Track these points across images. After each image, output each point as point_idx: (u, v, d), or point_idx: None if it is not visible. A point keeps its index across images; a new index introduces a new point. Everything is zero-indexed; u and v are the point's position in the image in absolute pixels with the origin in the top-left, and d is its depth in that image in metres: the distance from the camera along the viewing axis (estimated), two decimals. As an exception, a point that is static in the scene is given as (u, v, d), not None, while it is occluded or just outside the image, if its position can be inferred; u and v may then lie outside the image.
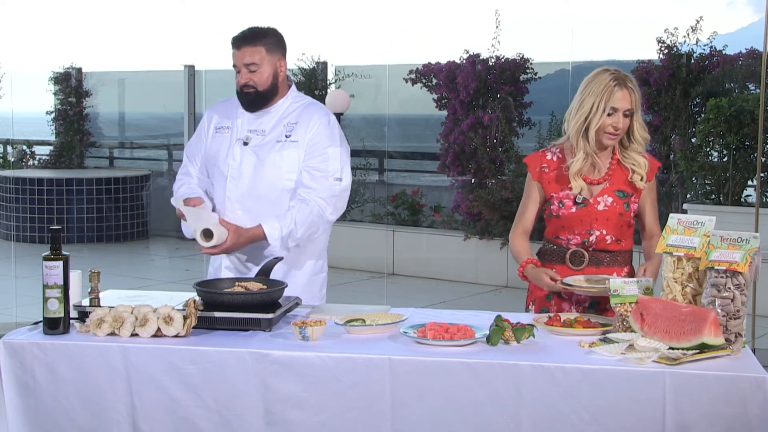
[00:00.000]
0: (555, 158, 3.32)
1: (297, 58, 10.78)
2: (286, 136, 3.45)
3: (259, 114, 3.48)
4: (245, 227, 3.36)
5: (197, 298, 2.88)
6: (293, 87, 3.55)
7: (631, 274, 3.28)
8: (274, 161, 3.43)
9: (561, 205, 3.26)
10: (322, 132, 3.44)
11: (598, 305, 3.23)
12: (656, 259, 3.13)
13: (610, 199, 3.23)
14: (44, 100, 12.60)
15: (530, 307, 3.39)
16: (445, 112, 9.66)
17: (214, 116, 3.60)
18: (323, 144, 3.43)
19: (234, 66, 3.44)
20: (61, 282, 2.82)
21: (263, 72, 3.41)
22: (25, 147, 12.84)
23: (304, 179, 3.41)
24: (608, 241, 3.24)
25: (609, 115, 3.16)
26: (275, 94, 3.47)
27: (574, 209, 3.25)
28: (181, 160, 3.78)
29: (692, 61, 8.50)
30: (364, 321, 2.90)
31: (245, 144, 3.46)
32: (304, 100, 3.55)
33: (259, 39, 3.41)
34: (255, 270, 3.40)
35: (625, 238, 3.28)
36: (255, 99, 3.44)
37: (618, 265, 3.27)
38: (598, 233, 3.23)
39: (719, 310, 2.63)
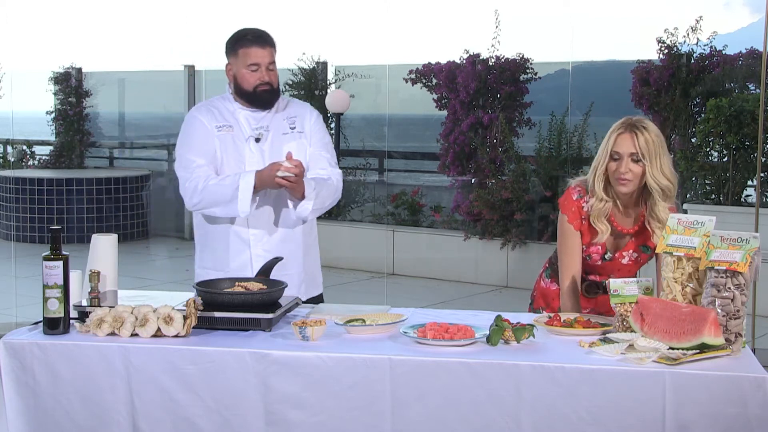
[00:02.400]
0: (587, 209, 3.23)
1: (297, 58, 10.79)
2: (291, 128, 3.57)
3: (256, 111, 3.55)
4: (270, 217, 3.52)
5: (197, 298, 2.88)
6: None
7: None
8: (281, 153, 3.47)
9: (588, 258, 3.27)
10: (319, 123, 3.66)
11: None
12: None
13: (635, 255, 3.27)
14: (44, 100, 12.60)
15: (541, 310, 3.40)
16: (445, 112, 9.66)
17: (209, 116, 3.59)
18: (323, 133, 3.65)
19: (252, 65, 3.48)
20: (61, 282, 2.82)
21: (276, 71, 3.55)
22: (25, 147, 12.84)
23: (320, 162, 3.57)
24: None
25: (615, 160, 3.12)
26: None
27: (599, 262, 3.28)
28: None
29: (692, 61, 8.49)
30: (364, 321, 2.90)
31: (257, 140, 3.52)
32: (284, 97, 3.69)
33: (272, 40, 3.54)
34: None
35: None
36: (272, 97, 3.55)
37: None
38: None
39: (719, 310, 2.62)
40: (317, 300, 3.68)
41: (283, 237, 3.53)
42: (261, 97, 3.52)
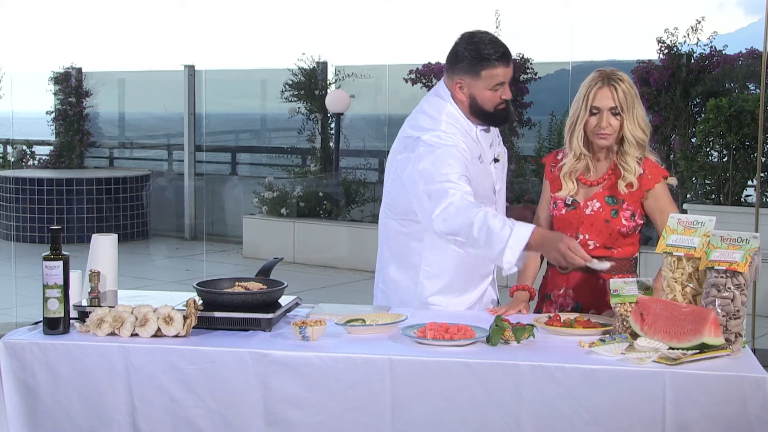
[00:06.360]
0: (561, 157, 3.30)
1: (297, 58, 10.80)
2: (499, 146, 3.44)
3: (486, 130, 3.37)
4: None
5: (197, 298, 2.88)
6: None
7: None
8: (503, 176, 3.42)
9: (554, 206, 3.26)
10: None
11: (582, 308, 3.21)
12: None
13: (598, 205, 3.18)
14: (44, 100, 12.61)
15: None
16: (445, 112, 9.63)
17: (467, 143, 3.24)
18: None
19: (497, 85, 3.22)
20: (61, 282, 2.82)
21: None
22: (25, 147, 12.85)
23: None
24: (591, 247, 3.17)
25: (594, 114, 3.13)
26: None
27: (564, 211, 3.23)
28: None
29: (692, 61, 8.50)
30: (364, 321, 2.90)
31: (496, 161, 3.37)
32: None
33: (510, 52, 3.29)
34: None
35: (619, 246, 3.19)
36: (509, 114, 3.34)
37: (607, 272, 3.13)
38: (581, 237, 3.18)
39: (719, 310, 2.62)
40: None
41: None
42: (499, 116, 3.30)
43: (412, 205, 3.22)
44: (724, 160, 7.89)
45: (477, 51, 3.20)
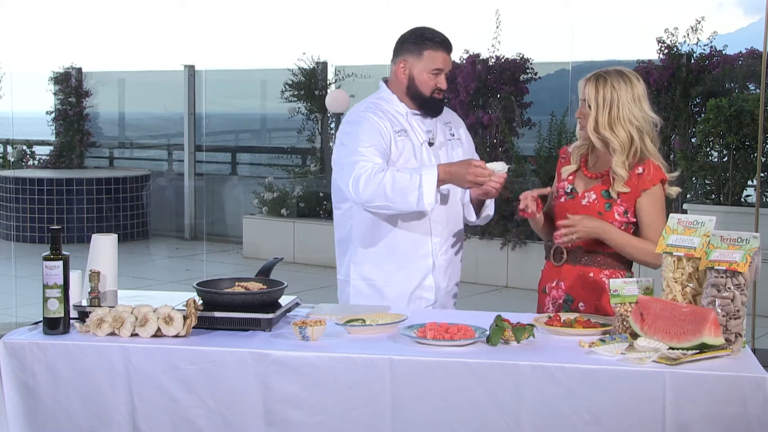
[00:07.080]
0: (570, 150, 3.40)
1: (297, 58, 10.80)
2: (451, 134, 3.56)
3: (423, 116, 3.50)
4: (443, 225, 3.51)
5: (197, 298, 2.88)
6: None
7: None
8: (451, 159, 3.48)
9: (556, 194, 3.34)
10: (467, 131, 3.68)
11: (572, 304, 3.27)
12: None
13: (594, 196, 3.24)
14: (44, 100, 12.60)
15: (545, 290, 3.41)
16: (445, 112, 9.63)
17: (384, 120, 3.43)
18: (471, 142, 3.68)
19: (436, 69, 3.40)
20: (61, 282, 2.82)
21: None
22: (25, 147, 12.85)
23: None
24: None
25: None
26: None
27: (563, 199, 3.31)
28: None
29: (692, 61, 8.49)
30: (364, 321, 2.90)
31: (430, 144, 3.47)
32: None
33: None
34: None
35: None
36: (443, 104, 3.51)
37: (597, 266, 3.24)
38: None
39: (719, 310, 2.62)
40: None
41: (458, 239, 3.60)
42: (433, 104, 3.46)
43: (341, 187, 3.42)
44: (724, 160, 7.88)
45: (422, 34, 3.43)
